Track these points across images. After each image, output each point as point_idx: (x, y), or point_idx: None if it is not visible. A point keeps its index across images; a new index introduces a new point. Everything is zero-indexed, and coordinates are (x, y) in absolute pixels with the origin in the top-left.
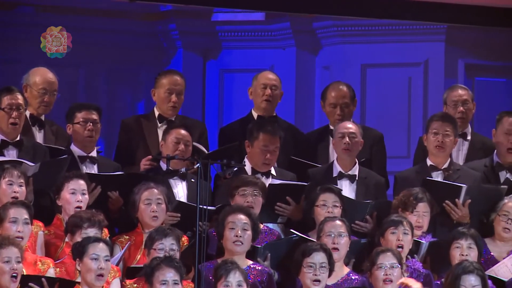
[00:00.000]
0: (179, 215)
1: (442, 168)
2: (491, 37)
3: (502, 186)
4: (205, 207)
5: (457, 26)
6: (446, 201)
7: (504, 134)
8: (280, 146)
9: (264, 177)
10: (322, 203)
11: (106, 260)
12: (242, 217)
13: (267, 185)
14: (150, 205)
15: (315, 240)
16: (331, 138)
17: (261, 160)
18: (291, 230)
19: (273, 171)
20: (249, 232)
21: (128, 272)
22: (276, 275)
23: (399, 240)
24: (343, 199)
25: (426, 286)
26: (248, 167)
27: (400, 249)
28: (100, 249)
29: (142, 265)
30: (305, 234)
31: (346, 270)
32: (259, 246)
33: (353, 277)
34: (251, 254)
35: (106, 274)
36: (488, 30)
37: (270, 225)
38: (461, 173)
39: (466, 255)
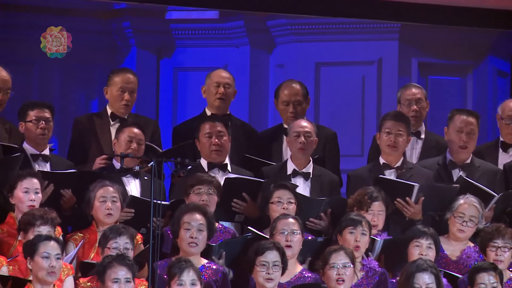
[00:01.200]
0: (133, 210)
1: (395, 166)
2: (444, 35)
3: (454, 185)
4: (158, 201)
5: (411, 24)
6: (398, 199)
7: (455, 132)
8: (230, 136)
9: (221, 172)
10: (276, 199)
11: (58, 258)
12: (197, 217)
13: (223, 180)
14: (105, 203)
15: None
16: (284, 137)
17: (209, 148)
18: (249, 227)
19: (229, 168)
20: (204, 233)
21: (82, 267)
22: (230, 273)
23: (356, 240)
24: (298, 196)
25: (382, 285)
26: (204, 163)
27: (357, 249)
28: (51, 247)
29: (95, 262)
30: (261, 231)
31: (299, 268)
32: (214, 244)
33: (306, 275)
34: (206, 252)
35: (57, 272)
36: (441, 29)
37: (225, 224)
38: (414, 172)
39: (425, 254)
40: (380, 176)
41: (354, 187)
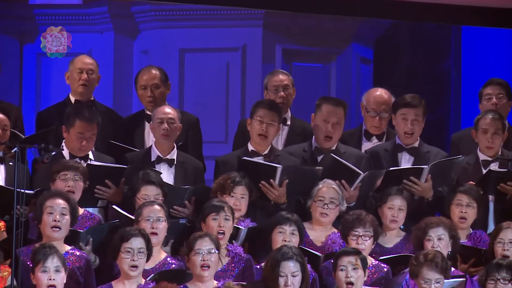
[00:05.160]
0: None
1: (263, 154)
2: (307, 23)
3: (317, 167)
4: (22, 190)
5: (275, 11)
6: (262, 182)
7: (322, 121)
8: (98, 131)
9: (82, 161)
10: (144, 197)
11: None
12: (60, 201)
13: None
14: None
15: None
16: (146, 123)
17: (77, 147)
18: (113, 206)
19: (91, 155)
20: (67, 217)
21: None
22: (97, 260)
23: (220, 226)
24: (164, 188)
25: (247, 271)
26: (65, 152)
27: (221, 235)
28: None
29: None
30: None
31: (164, 254)
32: (82, 231)
33: (170, 262)
34: (73, 238)
35: None
36: (305, 16)
37: (91, 210)
38: (281, 159)
39: (289, 241)
40: (244, 158)
41: (222, 173)
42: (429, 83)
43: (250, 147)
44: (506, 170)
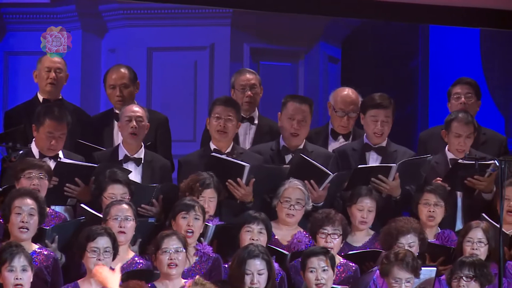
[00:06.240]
0: None
1: (226, 152)
2: (275, 22)
3: (284, 166)
4: None
5: (243, 10)
6: (229, 180)
7: (288, 119)
8: (67, 131)
9: (52, 160)
10: (110, 195)
11: None
12: (28, 201)
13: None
14: None
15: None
16: (115, 122)
17: (47, 146)
18: (82, 205)
19: (61, 154)
20: (35, 217)
21: None
22: (63, 258)
23: (189, 225)
24: (131, 187)
25: (215, 270)
26: (35, 151)
27: (190, 234)
28: None
29: None
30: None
31: (132, 254)
32: (47, 228)
33: (138, 261)
34: (39, 236)
35: None
36: (272, 15)
37: (57, 208)
38: (244, 157)
39: (257, 239)
40: (213, 154)
41: (185, 173)
42: (397, 82)
43: (212, 146)
44: (473, 162)
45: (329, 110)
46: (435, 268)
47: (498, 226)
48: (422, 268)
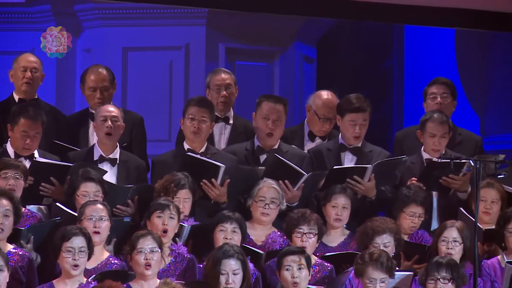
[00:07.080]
0: None
1: (200, 152)
2: (250, 21)
3: (259, 167)
4: None
5: (218, 10)
6: (204, 180)
7: (262, 119)
8: (42, 130)
9: (28, 160)
10: (83, 193)
11: None
12: (4, 202)
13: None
14: None
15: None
16: (91, 122)
17: (21, 145)
18: (57, 204)
19: (36, 154)
20: (10, 218)
21: None
22: (38, 258)
23: (164, 224)
24: (104, 186)
25: (189, 271)
26: (10, 151)
27: (164, 234)
28: None
29: None
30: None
31: (106, 254)
32: (23, 228)
33: (113, 261)
34: (15, 236)
35: None
36: (248, 15)
37: (33, 208)
38: (218, 157)
39: (230, 238)
40: (189, 154)
41: (159, 173)
42: (372, 82)
43: (186, 146)
44: (448, 160)
45: (308, 113)
46: (411, 273)
47: (474, 220)
48: (398, 273)
